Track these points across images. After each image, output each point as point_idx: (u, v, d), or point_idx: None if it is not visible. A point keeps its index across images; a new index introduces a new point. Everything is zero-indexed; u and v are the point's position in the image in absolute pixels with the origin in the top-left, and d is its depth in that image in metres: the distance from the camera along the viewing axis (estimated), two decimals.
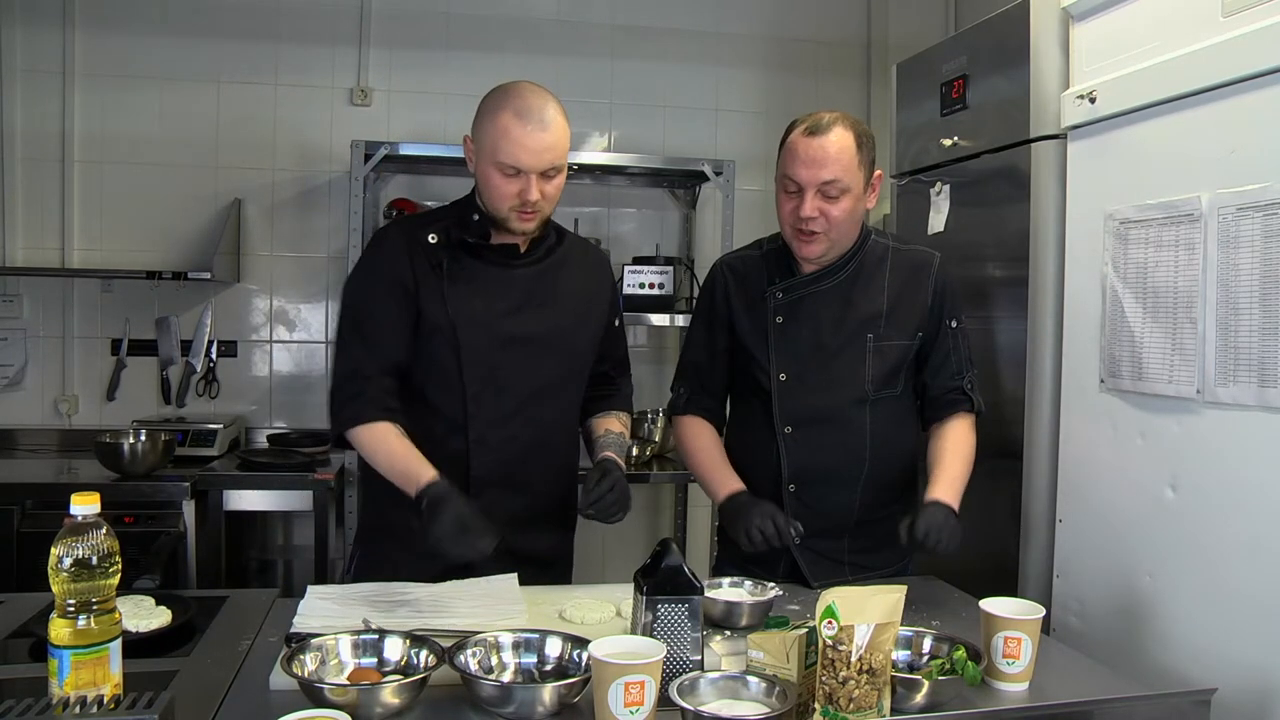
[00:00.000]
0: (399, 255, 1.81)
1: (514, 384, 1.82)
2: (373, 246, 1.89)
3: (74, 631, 1.11)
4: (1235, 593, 1.63)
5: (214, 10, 3.49)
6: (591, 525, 1.85)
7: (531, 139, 1.70)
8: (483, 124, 1.75)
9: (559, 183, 1.78)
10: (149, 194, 3.46)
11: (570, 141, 1.79)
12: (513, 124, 1.70)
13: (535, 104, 1.72)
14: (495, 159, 1.72)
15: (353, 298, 1.85)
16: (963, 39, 2.48)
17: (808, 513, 1.92)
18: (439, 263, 1.80)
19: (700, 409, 2.03)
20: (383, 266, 1.82)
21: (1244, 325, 1.62)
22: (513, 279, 1.84)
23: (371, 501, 1.93)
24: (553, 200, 1.79)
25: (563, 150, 1.76)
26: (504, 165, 1.71)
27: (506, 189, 1.73)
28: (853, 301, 1.92)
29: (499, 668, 1.36)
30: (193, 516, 2.85)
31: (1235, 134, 1.65)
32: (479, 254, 1.83)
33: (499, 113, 1.72)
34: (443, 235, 1.82)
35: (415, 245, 1.82)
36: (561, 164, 1.76)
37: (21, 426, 3.40)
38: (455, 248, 1.82)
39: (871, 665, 1.21)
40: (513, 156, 1.70)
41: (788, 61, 3.88)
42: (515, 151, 1.70)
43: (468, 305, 1.80)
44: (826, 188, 1.81)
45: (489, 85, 1.81)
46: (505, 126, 1.70)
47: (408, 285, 1.79)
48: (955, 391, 1.95)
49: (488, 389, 1.81)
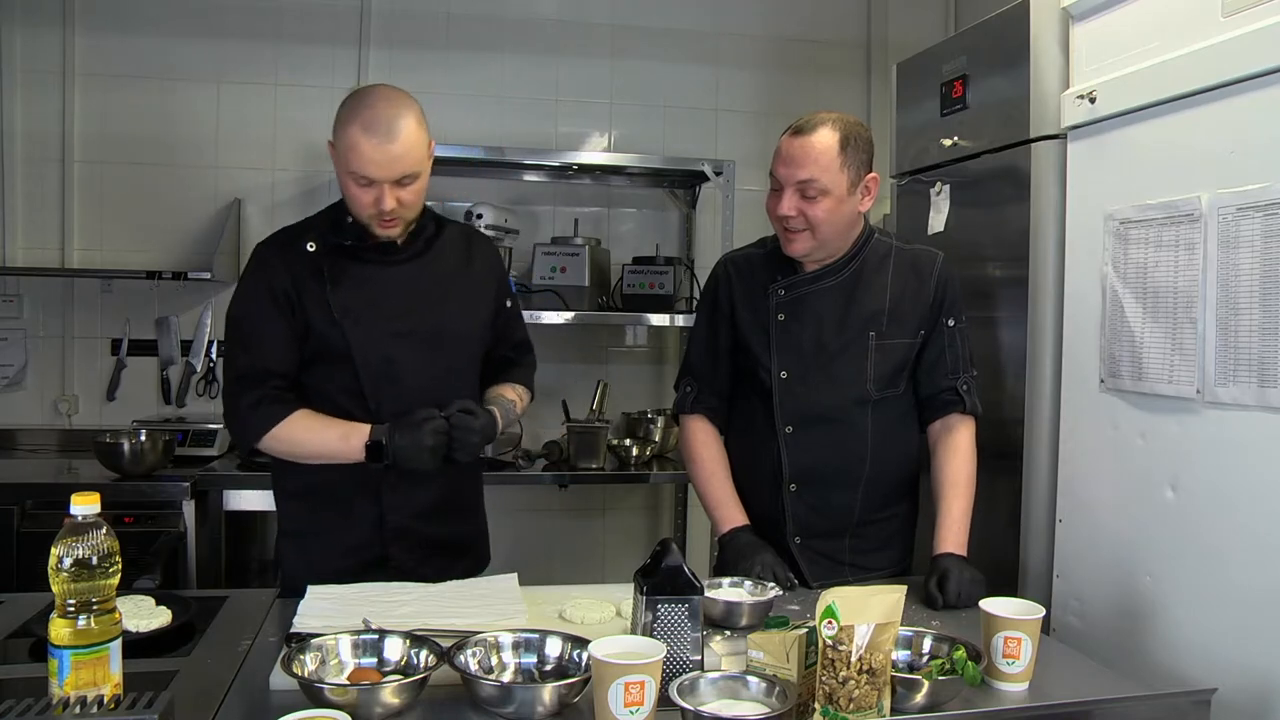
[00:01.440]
0: (278, 269, 1.83)
1: (410, 376, 1.85)
2: (250, 264, 1.88)
3: (74, 631, 1.11)
4: (1235, 593, 1.63)
5: (214, 10, 3.49)
6: (591, 526, 1.86)
7: (379, 151, 1.71)
8: (337, 134, 1.77)
9: (417, 187, 1.80)
10: (149, 194, 3.46)
11: (429, 146, 1.80)
12: (360, 137, 1.71)
13: (384, 115, 1.72)
14: (348, 169, 1.74)
15: (234, 315, 1.86)
16: (963, 39, 2.48)
17: (808, 513, 1.92)
18: (319, 269, 1.83)
19: (705, 408, 2.03)
20: (262, 282, 1.83)
21: (1244, 325, 1.62)
22: (394, 275, 1.88)
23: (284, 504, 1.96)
24: (413, 205, 1.81)
25: (415, 158, 1.76)
26: (356, 176, 1.74)
27: (363, 198, 1.76)
28: (855, 300, 1.92)
29: (499, 668, 1.36)
30: (193, 516, 2.85)
31: (1235, 134, 1.65)
32: (358, 255, 1.86)
33: (349, 125, 1.73)
34: (320, 242, 1.85)
35: (294, 256, 1.84)
36: (416, 170, 1.77)
37: (21, 426, 3.40)
38: (334, 252, 1.85)
39: (871, 665, 1.21)
40: (362, 169, 1.72)
41: (788, 61, 3.88)
42: (363, 165, 1.72)
43: (353, 306, 1.83)
44: (804, 186, 1.81)
45: (489, 85, 1.81)
46: (354, 140, 1.72)
47: (290, 297, 1.82)
48: (949, 392, 1.94)
49: (385, 384, 1.84)
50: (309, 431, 1.80)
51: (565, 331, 3.54)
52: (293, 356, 1.83)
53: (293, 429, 1.80)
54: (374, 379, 1.83)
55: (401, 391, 1.84)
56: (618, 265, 3.57)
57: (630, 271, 3.45)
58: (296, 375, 1.85)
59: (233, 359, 1.85)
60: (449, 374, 1.90)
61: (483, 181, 3.59)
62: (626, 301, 3.45)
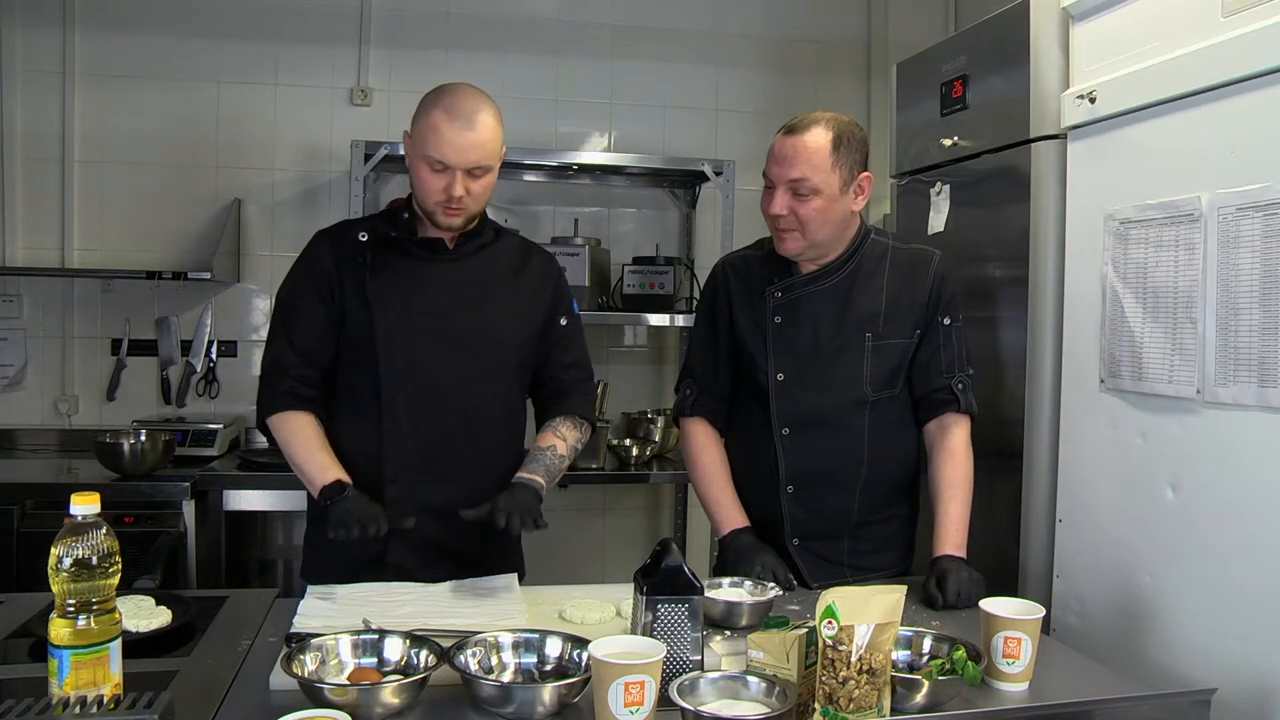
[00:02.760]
0: (325, 254, 1.89)
1: (432, 373, 1.85)
2: (305, 249, 1.94)
3: (74, 631, 1.11)
4: (1235, 593, 1.63)
5: (214, 10, 3.49)
6: (591, 526, 1.86)
7: (458, 136, 1.76)
8: (417, 120, 1.82)
9: (486, 182, 1.83)
10: (149, 194, 3.46)
11: (501, 145, 1.84)
12: (442, 121, 1.76)
13: (467, 105, 1.78)
14: (424, 153, 1.79)
15: (281, 296, 1.93)
16: (963, 39, 2.48)
17: (806, 514, 1.92)
18: (365, 255, 1.88)
19: (706, 410, 2.03)
20: (308, 265, 1.91)
21: (1244, 325, 1.62)
22: (436, 271, 1.90)
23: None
24: (480, 199, 1.84)
25: (490, 151, 1.80)
26: (431, 160, 1.78)
27: (434, 184, 1.79)
28: (851, 301, 1.92)
29: (499, 668, 1.36)
30: (193, 516, 2.84)
31: (1235, 134, 1.65)
32: (404, 249, 1.89)
33: (431, 109, 1.79)
34: (371, 232, 1.90)
35: (343, 243, 1.90)
36: (488, 164, 1.81)
37: (21, 426, 3.40)
38: (381, 243, 1.89)
39: (871, 665, 1.21)
40: (439, 151, 1.76)
41: (788, 61, 3.88)
42: (441, 147, 1.76)
43: (385, 294, 1.86)
44: (795, 185, 1.82)
45: (489, 85, 1.83)
46: (435, 123, 1.77)
47: (331, 281, 1.87)
48: (944, 391, 1.94)
49: (404, 376, 1.84)
50: (293, 444, 1.83)
51: None
52: (327, 342, 1.87)
53: (285, 428, 1.83)
54: (393, 372, 1.84)
55: (417, 387, 1.84)
56: (618, 265, 3.56)
57: (630, 271, 3.45)
58: (329, 363, 1.88)
59: (271, 340, 1.91)
60: (475, 376, 1.88)
61: None
62: (626, 301, 3.45)
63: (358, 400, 1.86)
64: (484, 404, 1.90)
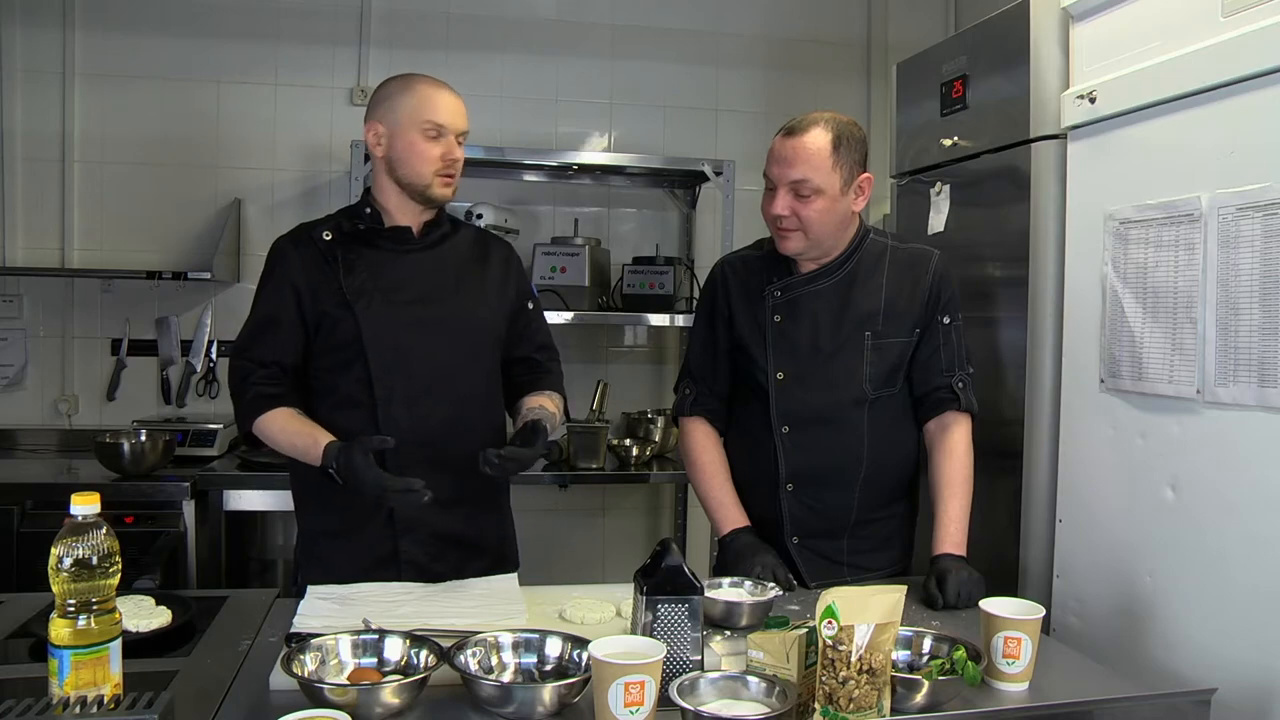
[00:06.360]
0: (292, 261, 1.88)
1: (420, 362, 1.86)
2: (268, 256, 1.93)
3: (74, 631, 1.11)
4: (1236, 593, 1.63)
5: (214, 10, 3.49)
6: (591, 526, 1.86)
7: (452, 100, 1.86)
8: (395, 100, 1.86)
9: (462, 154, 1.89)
10: (149, 194, 3.46)
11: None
12: (431, 89, 1.85)
13: (438, 80, 1.89)
14: (420, 121, 1.82)
15: (252, 305, 1.92)
16: (963, 39, 2.48)
17: (805, 513, 1.92)
18: (334, 256, 1.87)
19: (705, 410, 2.03)
20: (274, 271, 1.89)
21: (1244, 325, 1.62)
22: (410, 262, 1.90)
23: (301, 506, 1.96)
24: (460, 170, 1.89)
25: (467, 118, 1.89)
26: (428, 127, 1.82)
27: (431, 152, 1.83)
28: (850, 300, 1.92)
29: (499, 668, 1.36)
30: (193, 516, 2.84)
31: (1235, 134, 1.65)
32: (372, 242, 1.89)
33: (413, 83, 1.86)
34: (335, 231, 1.90)
35: (307, 246, 1.89)
36: (466, 132, 1.89)
37: (21, 426, 3.40)
38: (348, 240, 1.89)
39: (871, 665, 1.21)
40: (437, 114, 1.82)
41: (788, 61, 3.88)
42: (438, 110, 1.83)
43: (364, 290, 1.85)
44: (797, 186, 1.82)
45: (489, 85, 1.85)
46: (425, 93, 1.84)
47: (299, 286, 1.85)
48: (944, 389, 1.94)
49: (395, 370, 1.84)
50: (281, 436, 1.82)
51: (565, 331, 3.53)
52: (293, 347, 1.86)
53: (270, 427, 1.82)
54: (383, 365, 1.83)
55: (410, 380, 1.84)
56: (618, 265, 3.57)
57: (630, 271, 3.45)
58: (298, 366, 1.87)
59: (238, 349, 1.90)
60: (459, 361, 1.90)
61: (483, 181, 3.58)
62: (626, 301, 3.45)
63: (349, 403, 1.84)
64: (474, 388, 1.91)
